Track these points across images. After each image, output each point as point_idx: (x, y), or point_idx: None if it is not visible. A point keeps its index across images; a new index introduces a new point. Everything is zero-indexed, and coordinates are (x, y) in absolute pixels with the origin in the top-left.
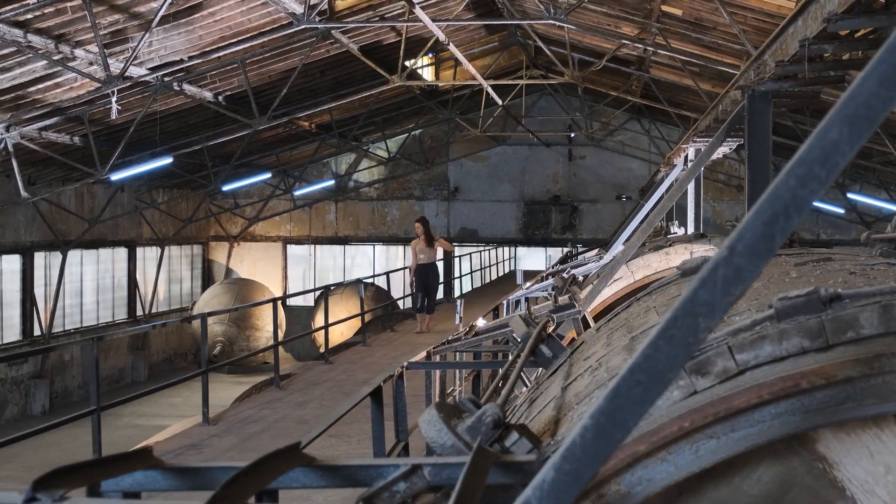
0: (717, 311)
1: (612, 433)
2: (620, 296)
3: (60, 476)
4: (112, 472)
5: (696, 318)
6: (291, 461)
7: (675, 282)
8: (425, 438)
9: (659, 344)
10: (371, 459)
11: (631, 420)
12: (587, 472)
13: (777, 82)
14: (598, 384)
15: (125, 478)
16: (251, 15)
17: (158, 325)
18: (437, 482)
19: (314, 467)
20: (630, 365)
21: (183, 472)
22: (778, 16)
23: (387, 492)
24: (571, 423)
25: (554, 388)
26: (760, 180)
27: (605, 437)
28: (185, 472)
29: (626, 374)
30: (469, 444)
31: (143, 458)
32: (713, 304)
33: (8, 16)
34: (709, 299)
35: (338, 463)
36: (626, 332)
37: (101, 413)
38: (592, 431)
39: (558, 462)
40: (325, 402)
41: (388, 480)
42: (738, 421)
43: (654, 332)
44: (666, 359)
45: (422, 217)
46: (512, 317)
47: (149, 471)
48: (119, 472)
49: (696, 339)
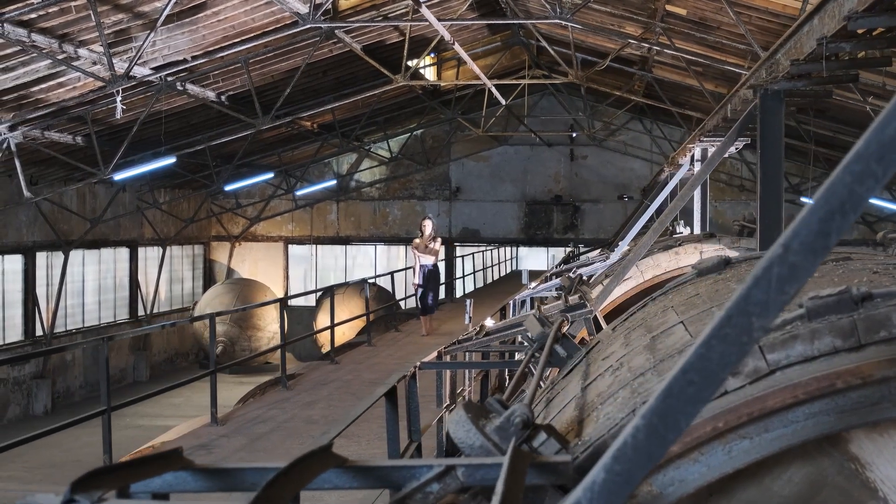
0: (772, 311)
1: (665, 433)
2: (630, 295)
3: (97, 478)
4: (145, 474)
5: (750, 318)
6: (325, 463)
7: (691, 281)
8: (453, 439)
9: (712, 343)
10: (404, 460)
11: (683, 420)
12: (639, 473)
13: (791, 81)
14: (621, 384)
15: (155, 479)
16: (255, 14)
17: (167, 325)
18: (470, 483)
19: (347, 468)
20: (682, 364)
21: (213, 473)
22: (783, 15)
23: (420, 493)
24: (598, 424)
25: (572, 388)
26: (773, 179)
27: (657, 437)
28: (216, 473)
29: (679, 374)
30: (498, 444)
31: (174, 459)
32: (767, 303)
33: (12, 15)
34: (763, 298)
35: (371, 464)
36: (645, 332)
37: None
38: (644, 432)
39: (609, 463)
40: (334, 403)
41: (422, 481)
42: (772, 421)
43: (707, 332)
44: (719, 358)
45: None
46: (526, 317)
47: (179, 472)
48: (152, 474)
49: (749, 339)
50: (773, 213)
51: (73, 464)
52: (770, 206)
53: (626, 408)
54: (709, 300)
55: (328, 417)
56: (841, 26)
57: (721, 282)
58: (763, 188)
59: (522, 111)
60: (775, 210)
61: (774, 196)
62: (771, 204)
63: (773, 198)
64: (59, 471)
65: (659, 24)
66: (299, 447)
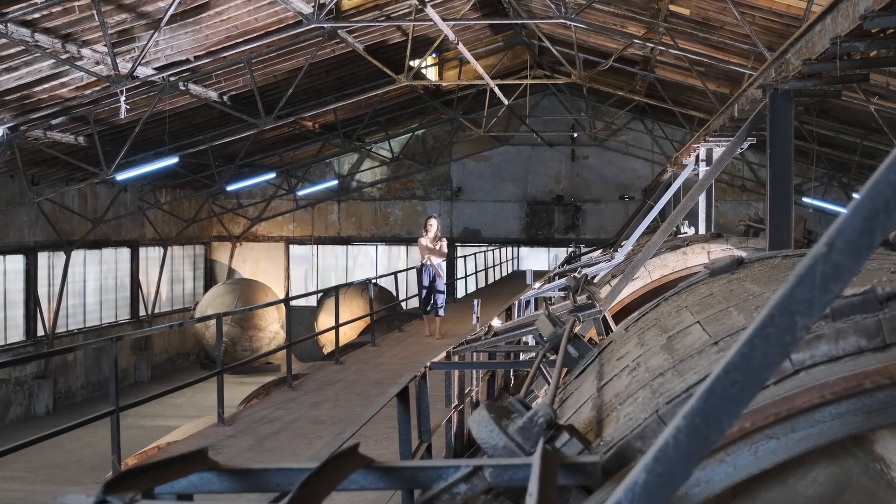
0: (815, 310)
1: (707, 434)
2: (638, 295)
3: (128, 479)
4: (174, 475)
5: (794, 317)
6: (354, 463)
7: (703, 281)
8: (476, 439)
9: (755, 343)
10: (431, 461)
11: (726, 420)
12: (681, 475)
13: (801, 81)
14: (640, 384)
15: (180, 480)
16: (258, 14)
17: (175, 325)
18: (497, 484)
19: (374, 469)
20: (725, 364)
21: (238, 473)
22: (787, 15)
23: (447, 493)
24: (619, 424)
25: (587, 388)
26: (783, 180)
27: (699, 437)
28: (241, 474)
29: (721, 374)
30: (521, 445)
31: (200, 459)
32: (811, 301)
33: (16, 15)
34: (807, 297)
35: (398, 465)
36: (660, 332)
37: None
38: (686, 432)
39: (650, 464)
40: (340, 403)
41: (450, 482)
42: (799, 421)
43: (750, 331)
44: (762, 358)
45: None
46: (537, 317)
47: (204, 473)
48: (180, 475)
49: (793, 338)
50: (782, 214)
51: (75, 464)
52: (780, 207)
53: (649, 408)
54: (724, 300)
55: (335, 418)
56: (856, 26)
57: (735, 282)
58: (773, 188)
59: (524, 111)
60: (785, 210)
61: (784, 196)
62: (781, 204)
63: (782, 198)
64: (61, 471)
65: (662, 24)
66: (307, 448)
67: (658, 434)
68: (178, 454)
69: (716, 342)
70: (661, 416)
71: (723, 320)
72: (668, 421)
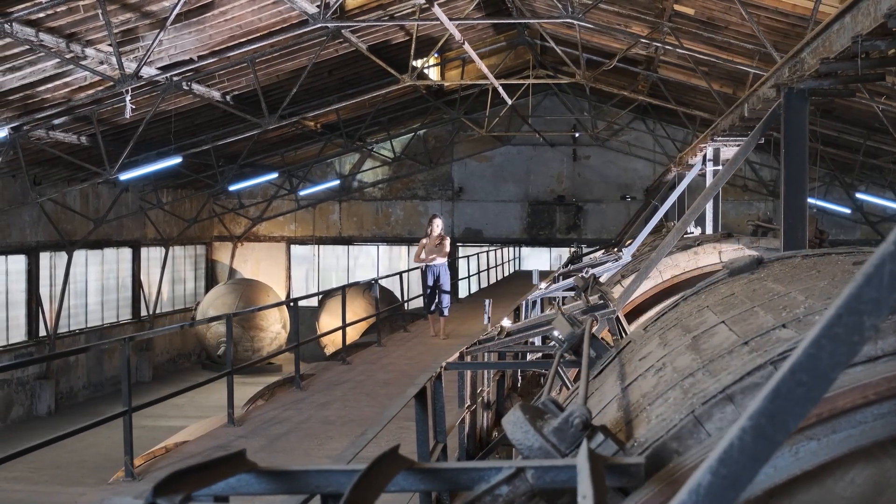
0: (883, 308)
1: (773, 435)
2: (650, 295)
3: (175, 481)
4: (217, 477)
5: (861, 316)
6: (397, 465)
7: (723, 281)
8: (511, 440)
9: (822, 343)
10: (473, 462)
11: (792, 421)
12: (746, 476)
13: (817, 80)
14: (668, 385)
15: (219, 482)
16: (262, 14)
17: (187, 325)
18: (539, 485)
19: (416, 470)
20: (791, 364)
21: (276, 475)
22: (793, 15)
23: (489, 495)
24: (650, 425)
25: (609, 388)
26: (797, 179)
27: (764, 439)
28: (279, 476)
29: (788, 374)
30: (556, 446)
31: (239, 461)
32: (879, 300)
33: (20, 14)
34: (875, 296)
35: (440, 466)
36: (682, 332)
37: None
38: (752, 433)
39: (715, 465)
40: (349, 403)
41: (492, 484)
42: (840, 422)
43: (816, 331)
44: (829, 358)
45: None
46: (553, 317)
47: (242, 475)
48: (223, 476)
49: (861, 338)
50: (797, 213)
51: (77, 465)
52: (794, 206)
53: (682, 408)
54: (748, 300)
55: (345, 418)
56: (878, 24)
57: (756, 281)
58: (787, 188)
59: (526, 111)
60: (799, 210)
61: (799, 196)
62: (795, 204)
63: (797, 198)
64: (64, 472)
65: (667, 24)
66: (318, 448)
67: (694, 434)
68: (219, 456)
69: (746, 342)
70: (697, 417)
71: (749, 320)
72: (705, 422)
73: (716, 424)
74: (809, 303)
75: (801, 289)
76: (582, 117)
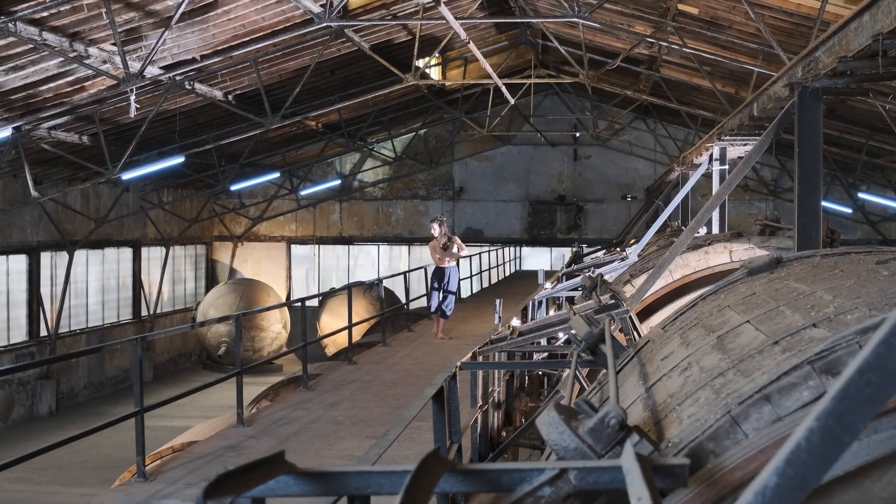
0: None
1: (840, 435)
2: (660, 295)
3: (224, 483)
4: (260, 478)
5: None
6: (441, 466)
7: (742, 281)
8: (546, 441)
9: (892, 342)
10: (515, 463)
11: (860, 422)
12: (813, 477)
13: (833, 78)
14: (697, 385)
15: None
16: (265, 13)
17: (196, 325)
18: (582, 487)
19: (457, 472)
20: (859, 365)
21: (315, 476)
22: (797, 14)
23: (531, 497)
24: (682, 425)
25: (631, 388)
26: (811, 179)
27: (832, 440)
28: (318, 477)
29: (856, 375)
30: (592, 446)
31: (279, 463)
32: None
33: (24, 13)
34: None
35: (481, 467)
36: (705, 332)
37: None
38: (819, 434)
39: (781, 467)
40: (357, 404)
41: (536, 485)
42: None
43: (885, 330)
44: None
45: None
46: (561, 316)
47: (281, 476)
48: (265, 478)
49: None
50: (811, 213)
51: (79, 465)
52: (808, 206)
53: (717, 409)
54: (772, 299)
55: (354, 418)
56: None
57: (777, 281)
58: (801, 187)
59: (527, 111)
60: (814, 210)
61: (813, 195)
62: (809, 204)
63: (811, 198)
64: (65, 472)
65: (670, 24)
66: (329, 448)
67: (731, 435)
68: (260, 458)
69: (776, 342)
70: (734, 417)
71: (776, 320)
72: (742, 422)
73: (753, 425)
74: (838, 302)
75: (827, 288)
76: (583, 117)
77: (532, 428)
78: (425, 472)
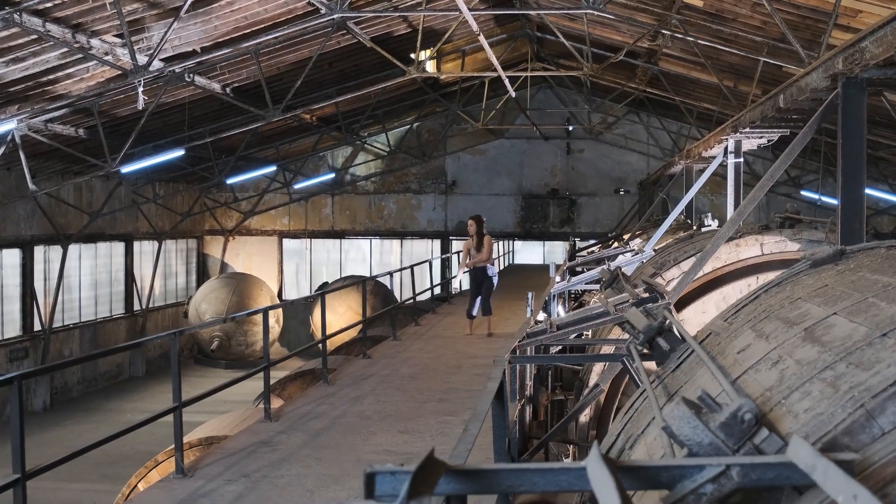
0: None
1: None
2: (692, 288)
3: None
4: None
5: None
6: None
7: (806, 272)
8: (678, 436)
9: None
10: (674, 460)
11: None
12: None
13: (882, 69)
14: (802, 378)
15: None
16: (268, 5)
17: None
18: (744, 484)
19: (621, 469)
20: None
21: (467, 474)
22: (805, 7)
23: (693, 494)
24: (799, 419)
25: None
26: (855, 171)
27: None
28: (470, 475)
29: None
30: (724, 441)
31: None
32: None
33: (29, 4)
34: None
35: (637, 464)
36: (785, 325)
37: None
38: None
39: None
40: (381, 398)
41: (699, 483)
42: None
43: None
44: None
45: (475, 215)
46: (600, 309)
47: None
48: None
49: None
50: (854, 205)
51: (79, 461)
52: (852, 198)
53: (843, 403)
54: (853, 291)
55: (381, 413)
56: None
57: (849, 273)
58: (845, 179)
59: (523, 103)
60: (857, 202)
61: (856, 188)
62: (853, 196)
63: (854, 190)
64: (65, 468)
65: (675, 17)
66: (363, 443)
67: (867, 430)
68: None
69: (884, 334)
70: (869, 412)
71: (871, 311)
72: (878, 416)
73: (889, 419)
74: None
75: None
76: (576, 110)
77: (569, 422)
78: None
